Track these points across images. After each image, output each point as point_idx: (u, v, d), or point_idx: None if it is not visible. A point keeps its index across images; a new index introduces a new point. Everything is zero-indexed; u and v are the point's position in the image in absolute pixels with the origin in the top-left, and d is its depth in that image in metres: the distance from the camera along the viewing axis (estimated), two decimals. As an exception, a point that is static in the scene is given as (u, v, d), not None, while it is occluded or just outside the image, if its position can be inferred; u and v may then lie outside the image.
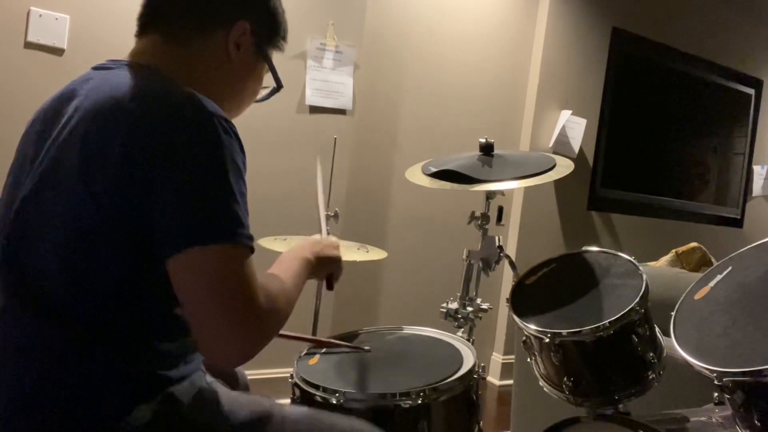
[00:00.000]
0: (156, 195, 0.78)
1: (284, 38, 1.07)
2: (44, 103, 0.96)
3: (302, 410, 1.05)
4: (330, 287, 1.18)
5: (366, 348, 1.30)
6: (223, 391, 1.00)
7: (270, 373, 2.39)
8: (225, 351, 0.79)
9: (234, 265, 0.79)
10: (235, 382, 1.20)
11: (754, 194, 4.71)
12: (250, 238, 0.82)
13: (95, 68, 0.95)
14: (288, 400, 1.20)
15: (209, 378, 1.00)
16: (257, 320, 0.80)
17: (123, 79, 0.86)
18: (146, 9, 0.97)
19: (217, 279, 0.78)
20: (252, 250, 0.82)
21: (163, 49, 0.94)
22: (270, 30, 1.03)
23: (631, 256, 1.29)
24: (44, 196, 0.84)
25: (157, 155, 0.78)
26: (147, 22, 0.96)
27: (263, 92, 1.09)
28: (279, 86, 1.07)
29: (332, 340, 1.34)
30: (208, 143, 0.80)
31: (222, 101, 0.96)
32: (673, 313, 1.03)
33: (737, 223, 4.66)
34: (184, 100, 0.83)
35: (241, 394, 1.05)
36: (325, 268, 1.14)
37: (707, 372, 0.88)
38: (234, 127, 0.85)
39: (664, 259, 2.18)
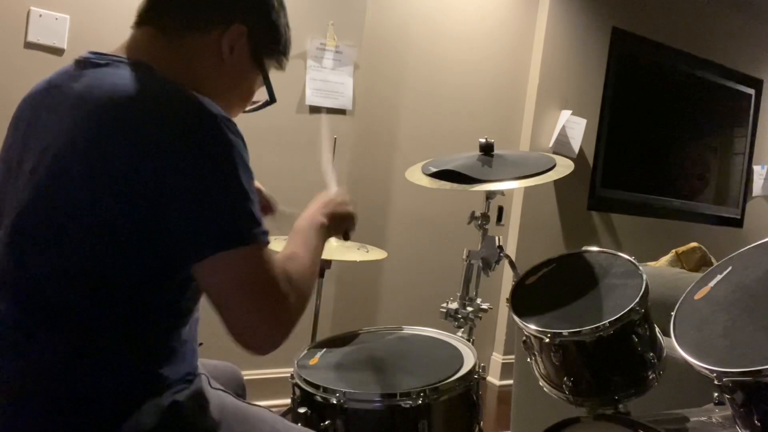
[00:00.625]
0: (170, 202, 0.78)
1: (284, 53, 1.05)
2: (26, 98, 0.94)
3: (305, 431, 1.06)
4: (347, 238, 1.20)
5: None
6: (230, 401, 1.00)
7: (270, 373, 2.39)
8: (258, 341, 0.83)
9: (256, 262, 0.82)
10: (231, 383, 1.19)
11: (754, 194, 4.71)
12: (266, 233, 0.84)
13: (79, 63, 0.91)
14: (288, 401, 1.20)
15: (215, 384, 1.00)
16: (284, 308, 0.84)
17: (122, 82, 0.85)
18: (146, 1, 0.96)
19: (243, 279, 0.81)
20: (268, 243, 0.85)
21: (156, 42, 0.93)
22: (268, 40, 1.01)
23: (631, 256, 1.29)
24: (46, 203, 0.82)
25: (168, 162, 0.78)
26: (145, 14, 0.95)
27: (253, 103, 1.08)
28: (271, 100, 1.06)
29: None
30: (218, 146, 0.81)
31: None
32: (673, 313, 1.03)
33: (737, 223, 4.66)
34: (188, 103, 0.82)
35: (248, 405, 1.05)
36: (340, 226, 1.15)
37: (707, 372, 0.88)
38: (237, 126, 0.85)
39: (664, 259, 2.18)
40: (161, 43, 0.93)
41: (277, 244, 1.83)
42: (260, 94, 1.07)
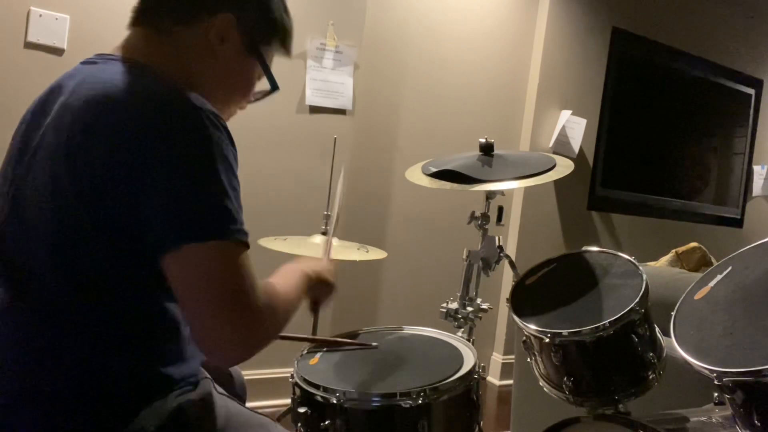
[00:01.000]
0: (145, 192, 0.77)
1: (283, 40, 1.03)
2: (32, 103, 0.95)
3: None
4: (315, 308, 1.18)
5: (374, 344, 1.30)
6: (235, 407, 1.00)
7: (270, 373, 2.39)
8: (223, 348, 0.78)
9: (228, 261, 0.78)
10: (229, 382, 1.19)
11: (754, 194, 4.70)
12: (244, 233, 0.81)
13: (83, 63, 0.93)
14: (288, 401, 1.20)
15: (220, 389, 1.00)
16: (255, 316, 0.79)
17: (109, 76, 0.85)
18: (138, 1, 0.96)
19: (212, 275, 0.77)
20: (247, 245, 0.81)
21: (148, 40, 0.93)
22: (261, 26, 0.99)
23: (631, 256, 1.29)
24: (32, 195, 0.83)
25: (145, 153, 0.77)
26: (136, 13, 0.95)
27: (257, 93, 1.06)
28: (274, 88, 1.04)
29: (338, 339, 1.34)
30: (196, 138, 0.79)
31: (208, 98, 0.95)
32: (673, 313, 1.03)
33: (737, 223, 4.66)
34: (170, 95, 0.82)
35: (252, 413, 1.05)
36: (318, 290, 1.13)
37: (707, 372, 0.88)
38: (223, 120, 0.84)
39: (664, 259, 2.18)
40: (153, 40, 0.93)
41: (276, 244, 1.83)
42: (262, 85, 1.05)
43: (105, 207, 0.79)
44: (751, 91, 4.59)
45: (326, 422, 1.08)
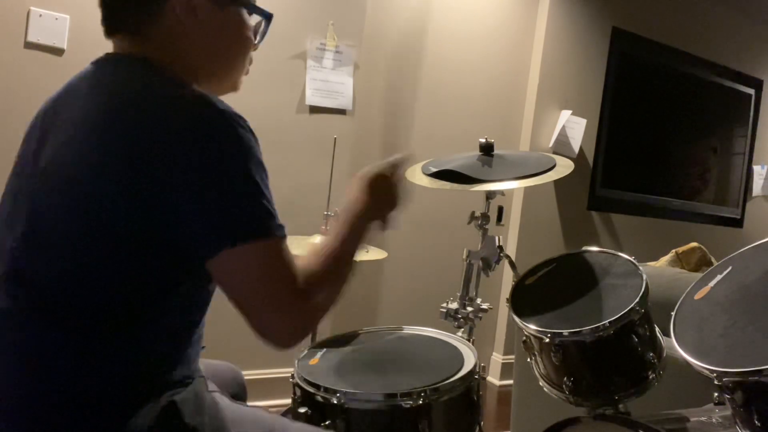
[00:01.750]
0: (180, 199, 0.78)
1: None
2: (44, 103, 0.95)
3: (304, 427, 1.05)
4: (389, 227, 1.18)
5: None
6: (226, 403, 1.00)
7: (270, 373, 2.39)
8: (282, 334, 0.84)
9: (272, 257, 0.82)
10: (232, 383, 1.19)
11: (754, 194, 4.71)
12: (282, 227, 0.85)
13: (94, 63, 0.93)
14: (289, 401, 1.20)
15: (211, 386, 1.00)
16: (302, 303, 0.84)
17: (127, 81, 0.85)
18: (103, 11, 0.95)
19: (259, 273, 0.81)
20: (285, 237, 0.85)
21: (137, 44, 0.91)
22: None
23: (631, 256, 1.29)
24: (52, 201, 0.83)
25: (178, 161, 0.78)
26: (105, 26, 0.94)
27: (257, 31, 1.03)
28: (267, 16, 1.01)
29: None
30: (229, 142, 0.81)
31: (218, 70, 0.95)
32: (673, 313, 1.03)
33: (737, 223, 4.66)
34: (197, 101, 0.82)
35: (244, 407, 1.05)
36: (381, 210, 1.15)
37: (707, 372, 0.88)
38: (247, 122, 0.85)
39: (664, 259, 2.18)
40: (142, 42, 0.91)
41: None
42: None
43: (132, 214, 0.79)
44: (751, 91, 4.59)
45: (327, 422, 1.08)
